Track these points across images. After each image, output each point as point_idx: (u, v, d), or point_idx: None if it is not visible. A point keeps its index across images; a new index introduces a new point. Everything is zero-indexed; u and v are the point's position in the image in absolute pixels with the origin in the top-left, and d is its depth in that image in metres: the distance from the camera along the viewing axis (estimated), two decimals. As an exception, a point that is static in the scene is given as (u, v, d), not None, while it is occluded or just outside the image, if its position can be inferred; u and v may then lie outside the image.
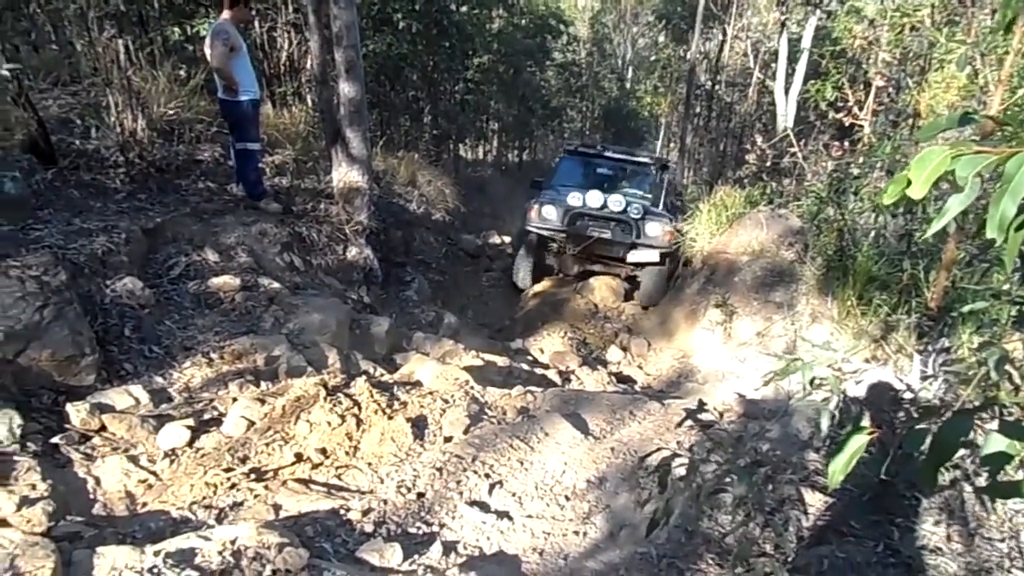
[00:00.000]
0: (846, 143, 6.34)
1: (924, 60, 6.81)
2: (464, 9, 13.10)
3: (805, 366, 2.19)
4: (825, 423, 2.13)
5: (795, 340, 5.40)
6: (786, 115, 11.88)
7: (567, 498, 3.10)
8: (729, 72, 17.82)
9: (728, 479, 2.31)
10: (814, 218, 5.45)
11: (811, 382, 2.22)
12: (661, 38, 23.29)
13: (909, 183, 0.91)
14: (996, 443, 0.99)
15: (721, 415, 3.72)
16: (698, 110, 18.66)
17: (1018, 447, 0.99)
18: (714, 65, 16.36)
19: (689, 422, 2.89)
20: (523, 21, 17.36)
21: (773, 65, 13.28)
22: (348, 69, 6.29)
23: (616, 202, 8.03)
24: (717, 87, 16.87)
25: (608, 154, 9.88)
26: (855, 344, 4.39)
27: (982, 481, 2.51)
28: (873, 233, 5.41)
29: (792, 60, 12.32)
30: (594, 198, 8.02)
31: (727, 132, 17.69)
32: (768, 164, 7.09)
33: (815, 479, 3.05)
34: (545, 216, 8.27)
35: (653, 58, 23.79)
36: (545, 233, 8.43)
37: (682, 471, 2.23)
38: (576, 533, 2.85)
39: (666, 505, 2.28)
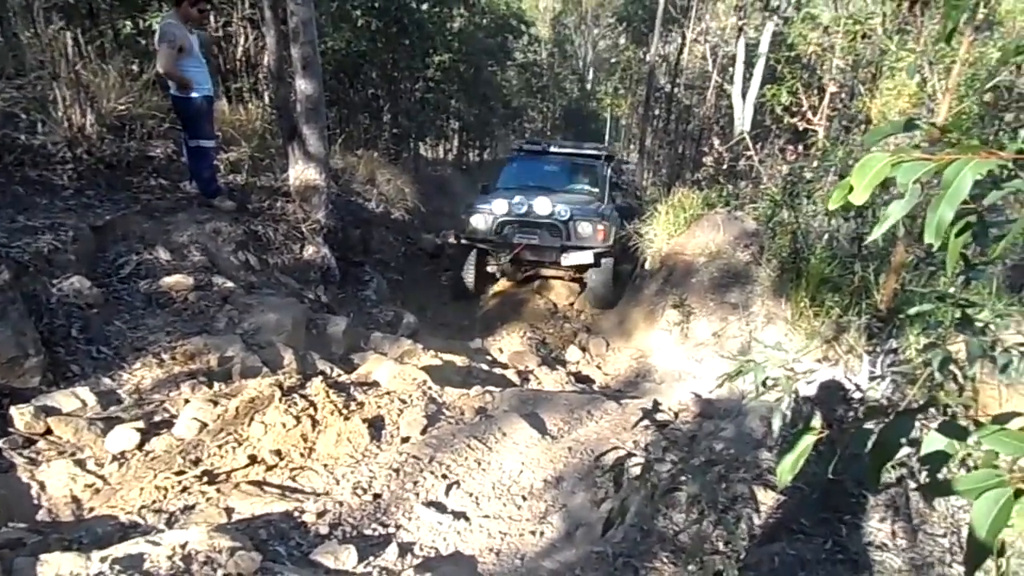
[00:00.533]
0: (800, 147, 6.47)
1: (876, 67, 7.00)
2: (424, 7, 13.01)
3: (757, 367, 2.22)
4: (777, 423, 2.16)
5: (750, 341, 5.48)
6: (743, 119, 12.05)
7: (524, 498, 3.10)
8: (688, 75, 18.03)
9: (682, 478, 2.33)
10: (769, 220, 5.54)
11: (763, 383, 2.26)
12: (622, 40, 23.48)
13: (852, 189, 0.93)
14: (934, 442, 1.01)
15: (676, 415, 3.77)
16: (657, 112, 18.83)
17: (956, 446, 1.01)
18: (673, 68, 16.54)
19: (645, 422, 2.92)
20: (484, 20, 17.32)
21: (731, 69, 13.47)
22: (305, 66, 6.21)
23: (541, 206, 7.95)
24: (676, 90, 17.05)
25: (553, 150, 9.88)
26: (806, 345, 4.47)
27: (925, 479, 2.58)
28: (826, 236, 5.53)
29: (749, 65, 12.50)
30: (519, 204, 8.01)
31: (685, 134, 17.91)
32: (725, 167, 7.19)
33: (768, 478, 3.10)
34: (475, 226, 8.23)
35: (614, 60, 23.96)
36: (479, 243, 8.36)
37: (637, 470, 2.25)
38: (533, 533, 2.86)
39: (621, 504, 2.30)
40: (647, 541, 2.69)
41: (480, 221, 8.16)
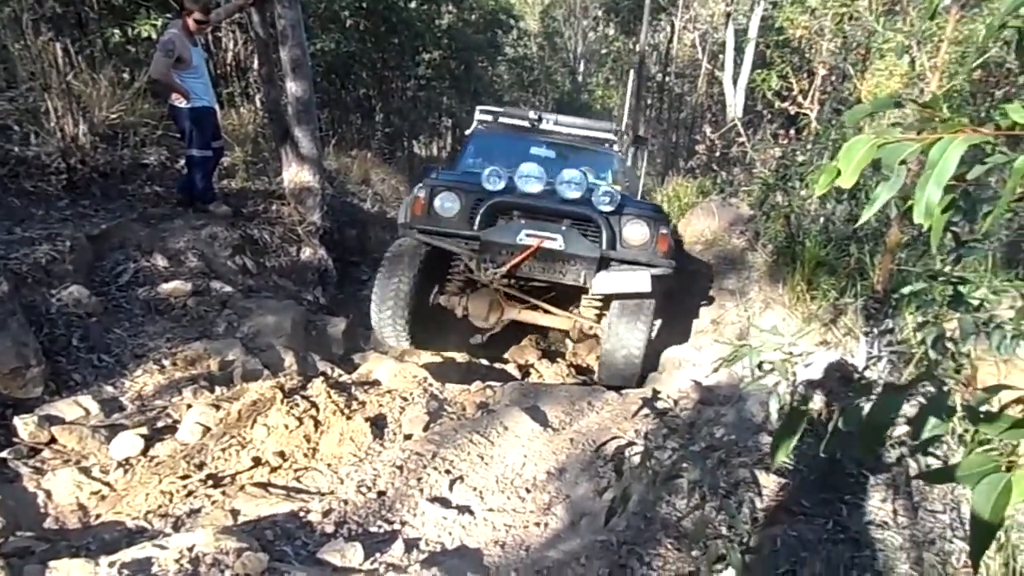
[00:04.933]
0: (792, 131, 6.48)
1: (865, 49, 7.01)
2: (412, 5, 13.01)
3: (753, 351, 2.24)
4: (774, 406, 2.18)
5: (748, 326, 5.50)
6: (735, 105, 12.08)
7: (528, 490, 3.12)
8: (678, 64, 18.04)
9: (683, 464, 2.35)
10: (761, 204, 5.56)
11: (759, 366, 2.27)
12: (611, 31, 23.45)
13: (839, 173, 0.94)
14: (930, 423, 1.02)
15: (676, 403, 3.78)
16: (649, 102, 18.85)
17: (946, 424, 1.03)
18: (663, 57, 16.55)
19: (645, 410, 2.94)
20: (473, 16, 17.30)
21: (721, 56, 13.48)
22: (295, 68, 6.21)
23: (572, 182, 4.81)
24: (667, 78, 17.07)
25: (546, 127, 6.64)
26: (802, 328, 4.49)
27: (929, 460, 2.60)
28: (821, 219, 5.55)
29: (739, 51, 12.52)
30: (529, 176, 4.85)
31: (678, 123, 17.92)
32: (717, 154, 7.20)
33: (769, 461, 3.12)
34: (439, 211, 4.88)
35: (604, 51, 23.95)
36: (438, 243, 4.95)
37: (638, 459, 2.27)
38: (537, 524, 2.88)
39: (623, 493, 2.32)
40: (651, 528, 2.71)
41: (451, 203, 4.88)
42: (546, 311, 5.27)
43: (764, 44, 9.16)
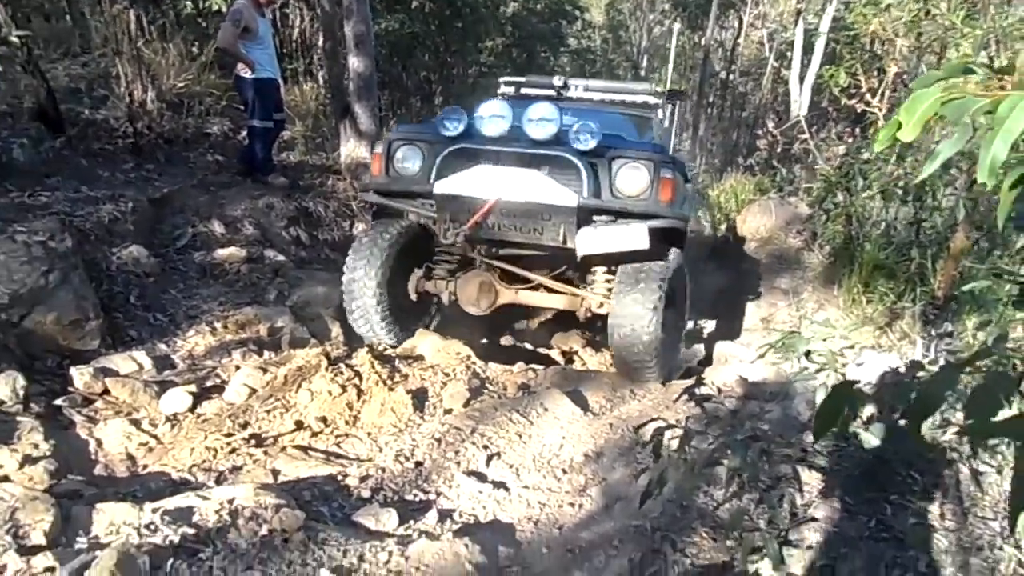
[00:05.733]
0: (858, 130, 6.30)
1: (940, 46, 6.75)
2: (479, -8, 13.01)
3: (801, 339, 2.19)
4: (820, 398, 2.13)
5: (799, 326, 5.38)
6: (801, 103, 11.79)
7: (564, 471, 3.11)
8: (744, 61, 17.70)
9: (723, 452, 2.31)
10: (821, 203, 5.42)
11: (807, 355, 2.22)
12: (677, 25, 23.14)
13: (900, 126, 0.90)
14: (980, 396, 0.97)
15: (719, 391, 3.72)
16: (712, 99, 18.54)
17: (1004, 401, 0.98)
18: (729, 54, 16.25)
19: (686, 397, 2.90)
20: (538, 6, 17.22)
21: (789, 54, 13.17)
22: (358, 43, 6.28)
23: (542, 119, 3.88)
24: (731, 76, 16.77)
25: (573, 93, 5.73)
26: (855, 323, 4.37)
27: (976, 464, 2.51)
28: (884, 224, 5.38)
29: (808, 49, 12.22)
30: (492, 116, 3.91)
31: (740, 121, 17.60)
32: (779, 151, 7.04)
33: (812, 459, 3.05)
34: (399, 168, 4.18)
35: (668, 47, 23.63)
36: (398, 206, 4.28)
37: (676, 443, 2.24)
38: (571, 505, 2.86)
39: (660, 476, 2.29)
40: (686, 516, 2.67)
41: (408, 157, 4.17)
42: (549, 290, 4.38)
43: (833, 41, 8.90)
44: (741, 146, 15.87)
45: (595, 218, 3.93)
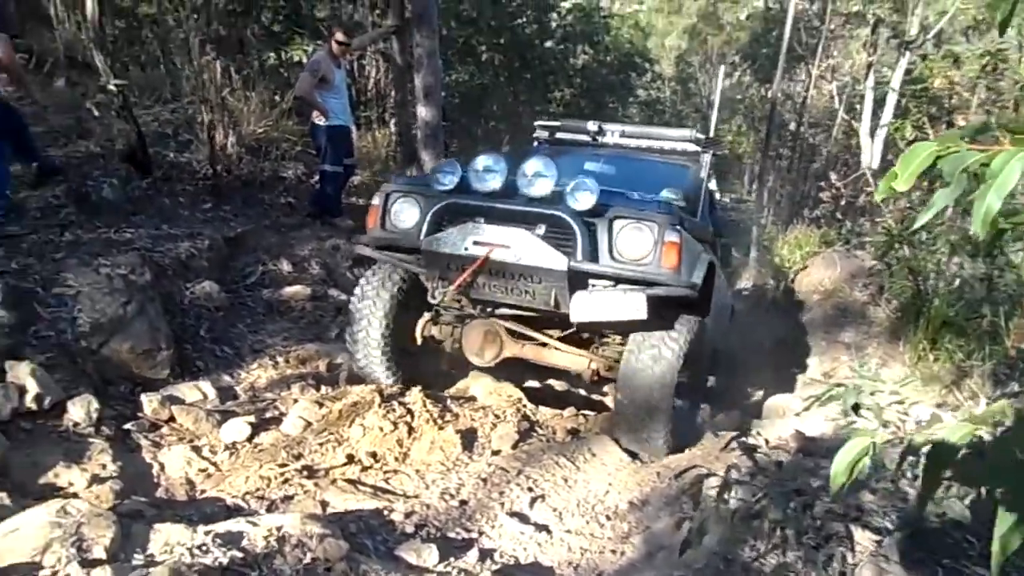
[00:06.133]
0: (926, 183, 6.16)
1: (1015, 102, 6.59)
2: (549, 44, 13.31)
3: (848, 391, 2.16)
4: (843, 451, 2.09)
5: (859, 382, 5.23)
6: (871, 155, 11.59)
7: (608, 517, 3.10)
8: (813, 113, 17.52)
9: (764, 504, 2.28)
10: (883, 256, 5.29)
11: (855, 409, 2.19)
12: (747, 78, 23.09)
13: (897, 177, 0.94)
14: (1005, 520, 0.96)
15: (767, 442, 3.65)
16: (781, 151, 18.34)
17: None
18: (799, 106, 16.14)
19: (734, 446, 2.87)
20: (608, 58, 17.48)
21: (859, 106, 13.00)
22: (427, 94, 6.54)
23: (536, 174, 3.67)
24: (800, 128, 16.61)
25: (608, 140, 5.50)
26: (920, 380, 4.23)
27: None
28: (956, 281, 5.22)
29: (879, 102, 12.04)
30: (486, 170, 3.80)
31: (807, 173, 17.35)
32: (843, 203, 6.93)
33: (867, 519, 2.96)
34: (395, 221, 4.02)
35: (739, 98, 23.60)
36: (394, 261, 4.07)
37: (715, 492, 2.23)
38: (613, 552, 2.85)
39: (700, 526, 2.28)
40: (730, 569, 2.62)
41: (405, 210, 4.01)
42: (557, 348, 4.10)
43: (900, 94, 8.77)
44: (808, 198, 15.63)
45: (593, 282, 3.63)
